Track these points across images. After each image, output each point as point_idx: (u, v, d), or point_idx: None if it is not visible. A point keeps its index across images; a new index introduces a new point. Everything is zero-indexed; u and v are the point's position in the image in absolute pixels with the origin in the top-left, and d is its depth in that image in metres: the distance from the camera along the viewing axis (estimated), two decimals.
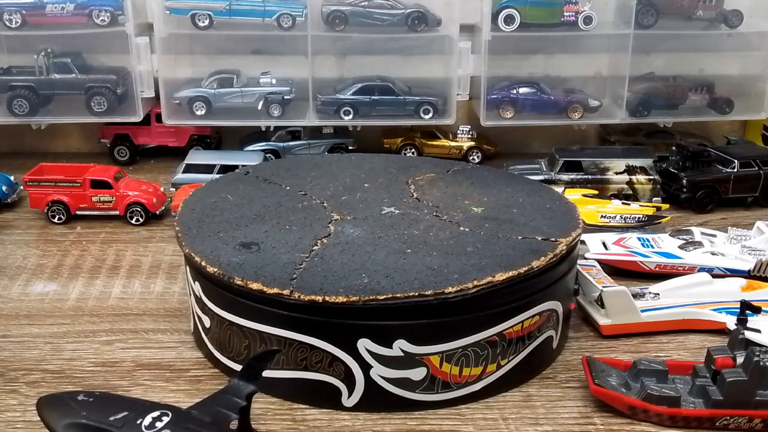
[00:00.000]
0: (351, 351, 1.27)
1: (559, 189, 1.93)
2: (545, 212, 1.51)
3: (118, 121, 2.42)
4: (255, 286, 1.28)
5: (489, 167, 1.88)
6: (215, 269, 1.33)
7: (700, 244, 1.79)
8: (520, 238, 1.39)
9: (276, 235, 1.43)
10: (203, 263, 1.35)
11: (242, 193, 1.63)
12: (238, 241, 1.41)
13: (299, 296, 1.25)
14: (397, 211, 1.51)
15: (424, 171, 1.74)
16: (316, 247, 1.38)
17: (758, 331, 1.47)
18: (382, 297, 1.23)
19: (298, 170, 1.75)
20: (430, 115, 2.39)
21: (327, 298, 1.23)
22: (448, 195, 1.60)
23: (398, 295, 1.23)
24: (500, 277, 1.26)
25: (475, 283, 1.25)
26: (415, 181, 1.67)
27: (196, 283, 1.41)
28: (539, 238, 1.39)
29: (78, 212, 2.04)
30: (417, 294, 1.23)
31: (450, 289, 1.24)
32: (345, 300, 1.23)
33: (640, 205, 2.01)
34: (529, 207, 1.53)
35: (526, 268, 1.29)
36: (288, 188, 1.65)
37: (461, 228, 1.44)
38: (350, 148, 2.41)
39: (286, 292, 1.26)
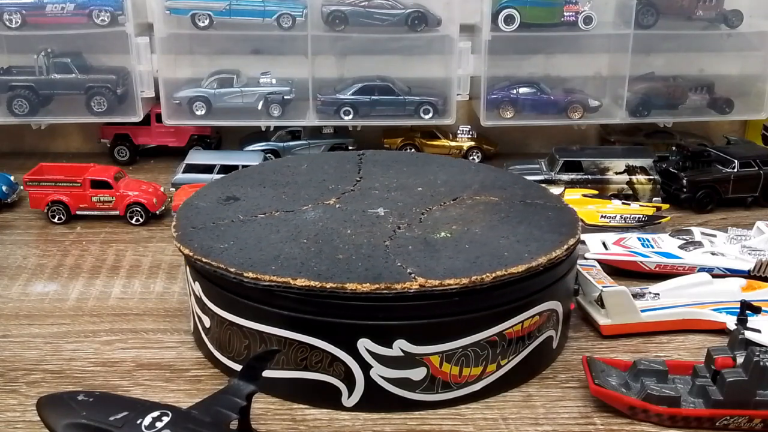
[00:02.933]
0: (351, 351, 1.27)
1: (559, 189, 1.93)
2: (488, 256, 1.33)
3: (118, 121, 2.42)
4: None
5: (569, 209, 1.57)
6: (179, 205, 1.57)
7: (700, 244, 1.79)
8: (399, 264, 1.30)
9: (263, 200, 1.56)
10: (181, 203, 1.59)
11: (321, 167, 1.74)
12: (231, 193, 1.59)
13: (174, 241, 1.44)
14: (380, 214, 1.50)
15: (500, 195, 1.59)
16: (261, 216, 1.50)
17: (758, 331, 1.47)
18: (205, 260, 1.34)
19: (404, 163, 1.77)
20: (430, 115, 2.39)
21: (182, 248, 1.40)
22: (457, 217, 1.49)
23: (213, 263, 1.33)
24: (298, 282, 1.25)
25: (274, 278, 1.27)
26: (464, 199, 1.57)
27: (196, 283, 1.41)
28: (409, 271, 1.27)
29: (78, 212, 2.04)
30: (224, 268, 1.31)
31: (249, 274, 1.28)
32: (189, 252, 1.38)
33: (640, 205, 2.01)
34: (489, 247, 1.36)
35: (333, 285, 1.24)
36: (359, 173, 1.70)
37: (385, 242, 1.38)
38: (350, 148, 2.41)
39: (175, 234, 1.45)
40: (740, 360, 1.28)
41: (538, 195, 1.64)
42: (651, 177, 2.16)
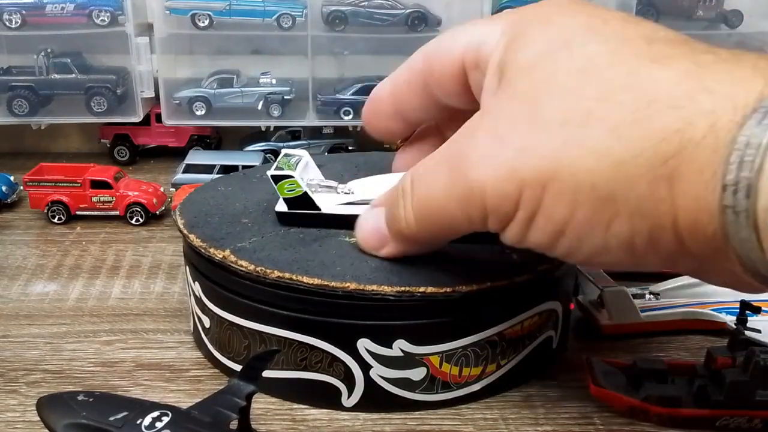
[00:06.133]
0: (351, 351, 1.27)
1: None
2: (318, 263, 1.28)
3: (118, 121, 2.42)
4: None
5: (520, 267, 1.33)
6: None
7: None
8: (251, 239, 1.35)
9: (325, 173, 1.55)
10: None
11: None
12: (324, 163, 1.61)
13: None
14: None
15: None
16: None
17: (758, 331, 1.47)
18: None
19: None
20: None
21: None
22: None
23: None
24: (179, 221, 1.43)
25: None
26: None
27: (196, 283, 1.41)
28: (238, 245, 1.32)
29: (78, 212, 2.04)
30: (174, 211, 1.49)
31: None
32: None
33: None
34: (342, 259, 1.30)
35: (186, 233, 1.38)
36: None
37: (292, 230, 1.41)
38: (350, 148, 2.41)
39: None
40: (740, 360, 1.28)
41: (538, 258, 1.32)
42: None
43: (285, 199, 1.42)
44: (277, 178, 1.41)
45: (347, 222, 1.39)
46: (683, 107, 0.90)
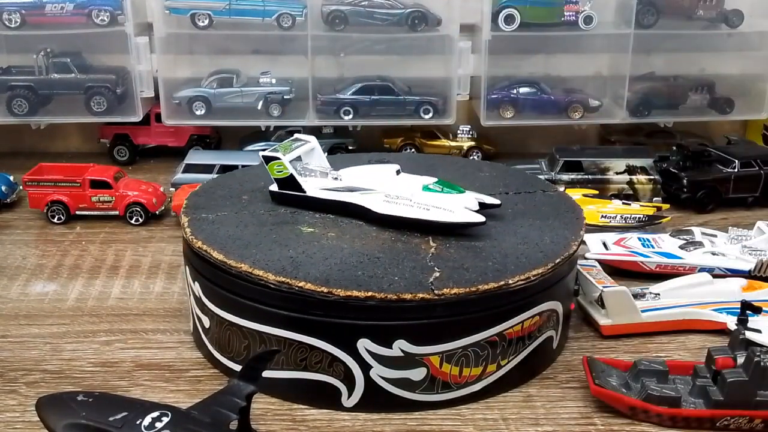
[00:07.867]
0: (351, 351, 1.26)
1: (560, 189, 1.93)
2: (248, 245, 1.36)
3: (118, 121, 2.42)
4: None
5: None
6: (179, 205, 1.73)
7: (700, 244, 1.78)
8: (212, 210, 1.50)
9: (382, 168, 1.56)
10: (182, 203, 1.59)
11: (497, 182, 1.70)
12: (389, 160, 1.67)
13: None
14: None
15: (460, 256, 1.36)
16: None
17: (759, 331, 1.47)
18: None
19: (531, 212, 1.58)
20: (430, 115, 2.39)
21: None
22: (363, 234, 1.43)
23: None
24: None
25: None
26: (430, 246, 1.39)
27: (196, 283, 1.41)
28: (208, 216, 1.48)
29: (77, 212, 2.04)
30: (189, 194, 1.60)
31: (185, 202, 1.55)
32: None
33: (641, 205, 2.00)
34: (284, 247, 1.35)
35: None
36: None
37: (280, 210, 1.50)
38: (350, 148, 2.41)
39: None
40: (741, 360, 1.28)
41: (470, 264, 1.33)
42: (651, 177, 2.16)
43: (275, 180, 1.52)
44: (267, 159, 1.51)
45: (328, 205, 1.49)
46: None
